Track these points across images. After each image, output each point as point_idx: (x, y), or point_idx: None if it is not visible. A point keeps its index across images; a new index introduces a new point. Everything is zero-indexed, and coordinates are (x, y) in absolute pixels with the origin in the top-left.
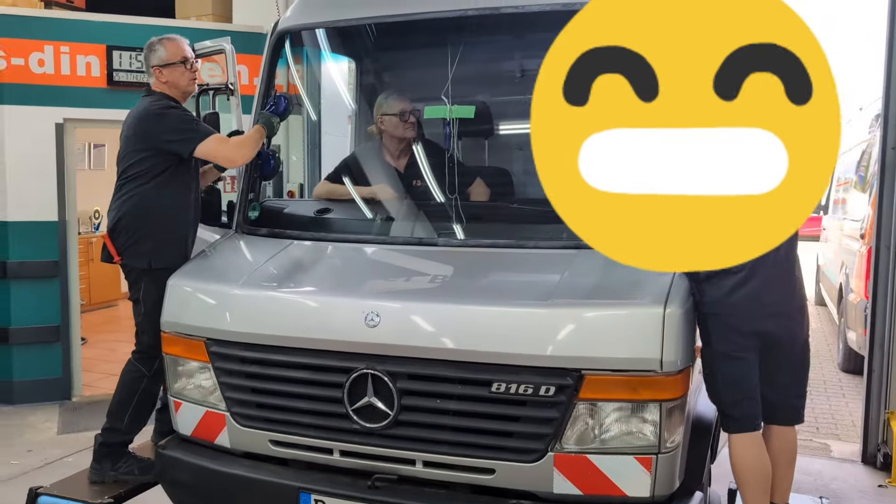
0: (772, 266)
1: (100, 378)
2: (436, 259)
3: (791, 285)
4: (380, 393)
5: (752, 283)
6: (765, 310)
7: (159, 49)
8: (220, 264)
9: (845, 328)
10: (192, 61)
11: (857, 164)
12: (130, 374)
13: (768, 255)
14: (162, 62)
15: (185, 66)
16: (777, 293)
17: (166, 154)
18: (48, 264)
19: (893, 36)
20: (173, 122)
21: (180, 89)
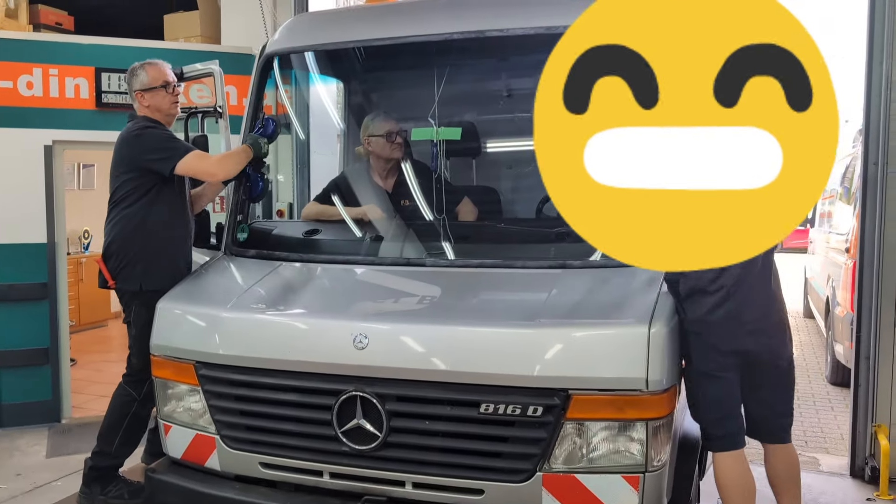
0: (750, 285)
1: (89, 400)
2: (424, 280)
3: (768, 301)
4: (369, 415)
5: (730, 303)
6: (744, 328)
7: (141, 74)
8: (209, 287)
9: (833, 341)
10: (173, 85)
11: (843, 176)
12: (120, 398)
13: (746, 273)
14: (144, 86)
15: (166, 91)
16: (756, 311)
17: (149, 174)
18: (37, 286)
19: (872, 53)
20: (152, 142)
21: (163, 112)
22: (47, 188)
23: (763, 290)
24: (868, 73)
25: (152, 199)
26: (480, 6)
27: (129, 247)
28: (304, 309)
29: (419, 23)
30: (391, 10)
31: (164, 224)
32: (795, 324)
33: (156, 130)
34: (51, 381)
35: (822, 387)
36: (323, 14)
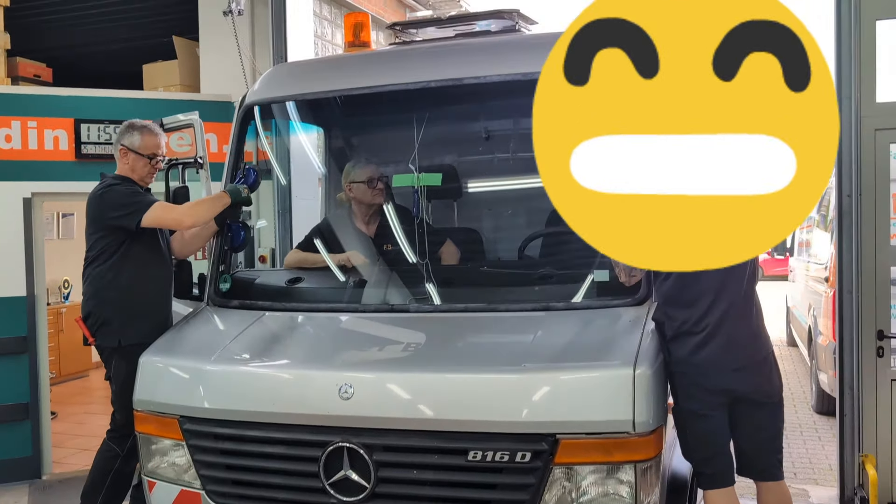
0: (734, 322)
1: (71, 454)
2: (408, 326)
3: (753, 339)
4: (356, 466)
5: (714, 342)
6: (729, 367)
7: (135, 135)
8: (192, 339)
9: (817, 370)
10: (159, 159)
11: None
12: (104, 455)
13: (730, 310)
14: (132, 147)
15: (150, 161)
16: (741, 350)
17: (117, 231)
18: (16, 340)
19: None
20: (115, 199)
21: (137, 177)
22: (27, 241)
23: (747, 327)
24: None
25: (124, 254)
26: (456, 54)
27: (104, 304)
28: (289, 360)
29: (396, 71)
30: (369, 60)
31: (138, 278)
32: (780, 352)
33: (119, 187)
34: (31, 436)
35: (808, 416)
36: (301, 64)
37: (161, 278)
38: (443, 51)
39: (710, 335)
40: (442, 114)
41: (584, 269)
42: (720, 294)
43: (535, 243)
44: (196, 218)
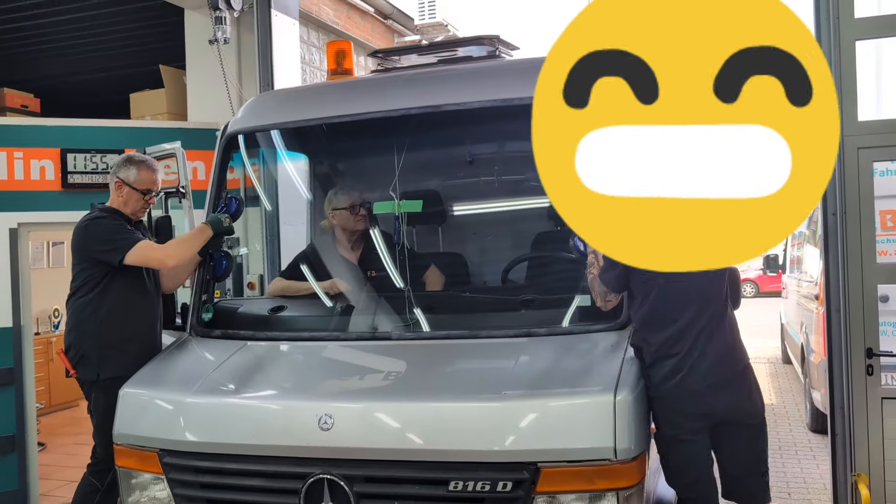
0: (708, 338)
1: (58, 486)
2: (389, 354)
3: (730, 353)
4: (336, 498)
5: (692, 360)
6: (708, 386)
7: (132, 169)
8: (172, 371)
9: (810, 388)
10: (153, 194)
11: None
12: (84, 489)
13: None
14: (127, 181)
15: (143, 196)
16: (717, 366)
17: (99, 265)
18: (2, 371)
19: None
20: (100, 233)
21: (129, 210)
22: (13, 271)
23: (722, 341)
24: None
25: (105, 287)
26: (437, 81)
27: (83, 337)
28: (269, 390)
29: (378, 99)
30: (350, 88)
31: (118, 312)
32: (774, 370)
33: (105, 221)
34: (17, 469)
35: (802, 434)
36: (284, 93)
37: (144, 312)
38: (424, 78)
39: (687, 355)
40: (424, 140)
41: (567, 294)
42: (698, 313)
43: (519, 267)
44: (179, 257)
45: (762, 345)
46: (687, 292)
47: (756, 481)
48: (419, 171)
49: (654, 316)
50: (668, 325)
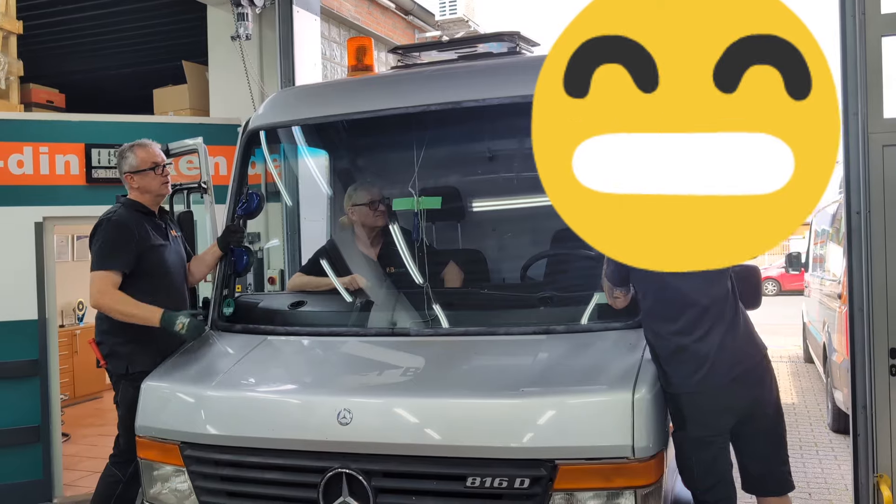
0: (724, 330)
1: (82, 476)
2: (408, 350)
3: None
4: (355, 492)
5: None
6: (733, 380)
7: (130, 156)
8: (194, 365)
9: (832, 388)
10: (162, 165)
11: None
12: (106, 480)
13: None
14: (133, 169)
15: (155, 172)
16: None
17: None
18: (28, 364)
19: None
20: (99, 242)
21: (153, 193)
22: (38, 264)
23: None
24: (844, 123)
25: (132, 284)
26: (456, 77)
27: (112, 332)
28: (288, 385)
29: (398, 95)
30: (371, 84)
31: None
32: (796, 369)
33: (113, 229)
34: (42, 459)
35: (824, 434)
36: (304, 89)
37: (172, 305)
38: (443, 74)
39: (704, 350)
40: (443, 136)
41: (585, 292)
42: (706, 306)
43: (538, 264)
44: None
45: (784, 343)
46: (686, 287)
47: (781, 469)
48: (439, 168)
49: (658, 307)
50: (675, 317)
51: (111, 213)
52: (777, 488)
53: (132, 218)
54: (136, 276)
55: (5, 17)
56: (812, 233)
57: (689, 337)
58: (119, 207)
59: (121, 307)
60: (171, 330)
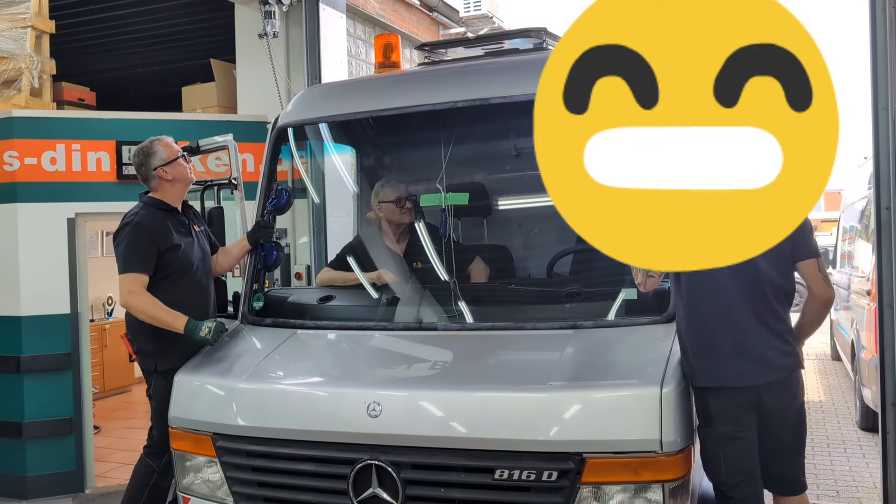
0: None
1: (113, 468)
2: (436, 344)
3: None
4: (384, 483)
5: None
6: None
7: (159, 150)
8: (225, 358)
9: (860, 385)
10: (184, 154)
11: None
12: (141, 470)
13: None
14: (164, 161)
15: (183, 160)
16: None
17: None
18: (61, 357)
19: (878, 98)
20: (122, 245)
21: (184, 183)
22: (70, 260)
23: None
24: (874, 118)
25: (156, 283)
26: (483, 74)
27: (140, 331)
28: (319, 378)
29: (425, 92)
30: (398, 81)
31: (171, 306)
32: (824, 367)
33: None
34: (74, 451)
35: (852, 432)
36: (332, 86)
37: (196, 304)
38: (470, 71)
39: (734, 349)
40: (471, 133)
41: (613, 287)
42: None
43: (565, 260)
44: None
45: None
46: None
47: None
48: (465, 164)
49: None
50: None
51: (133, 215)
52: (791, 489)
53: (154, 218)
54: (158, 276)
55: (38, 16)
56: (840, 229)
57: (722, 333)
58: (141, 208)
59: (149, 310)
60: (195, 337)
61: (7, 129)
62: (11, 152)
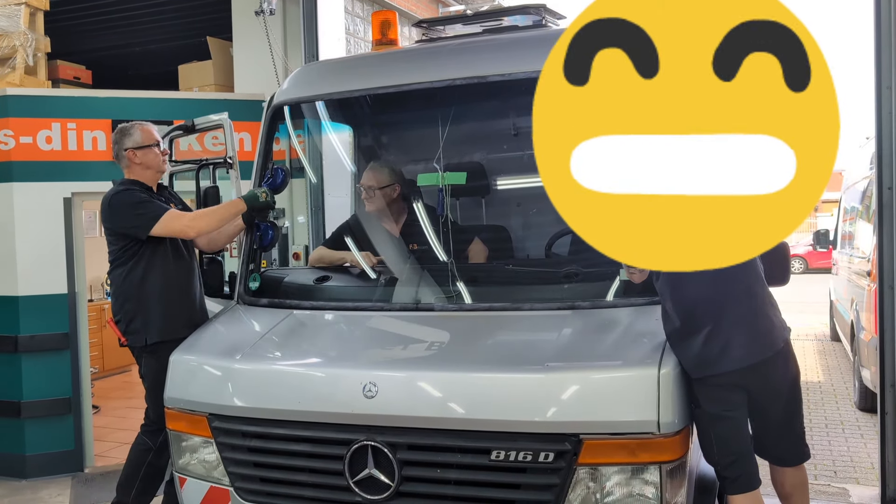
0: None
1: (112, 447)
2: (432, 325)
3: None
4: (380, 464)
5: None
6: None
7: (135, 133)
8: (221, 338)
9: (859, 366)
10: (161, 144)
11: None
12: (137, 448)
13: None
14: (136, 144)
15: (157, 148)
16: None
17: (128, 237)
18: (59, 336)
19: (881, 79)
20: (124, 209)
21: (153, 170)
22: (67, 239)
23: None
24: (877, 97)
25: (140, 256)
26: (481, 52)
27: (126, 306)
28: (314, 358)
29: (422, 70)
30: (395, 58)
31: (155, 279)
32: (822, 347)
33: (130, 193)
34: (73, 430)
35: (850, 413)
36: (329, 64)
37: (181, 276)
38: (469, 48)
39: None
40: (468, 111)
41: (611, 267)
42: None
43: (563, 241)
44: (199, 229)
45: (810, 321)
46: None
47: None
48: (463, 143)
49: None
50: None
51: (119, 189)
52: (793, 460)
53: (139, 189)
54: (144, 255)
55: None
56: (841, 210)
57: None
58: (119, 184)
59: (213, 216)
60: (257, 204)
61: (2, 108)
62: (6, 131)
